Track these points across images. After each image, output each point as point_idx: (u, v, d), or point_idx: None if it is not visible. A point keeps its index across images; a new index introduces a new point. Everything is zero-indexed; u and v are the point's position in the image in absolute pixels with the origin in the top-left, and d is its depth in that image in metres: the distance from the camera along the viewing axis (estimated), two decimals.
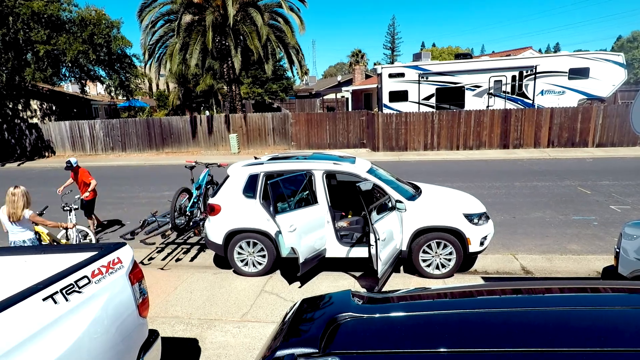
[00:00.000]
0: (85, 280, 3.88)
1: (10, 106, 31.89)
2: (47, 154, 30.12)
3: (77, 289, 3.77)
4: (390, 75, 27.92)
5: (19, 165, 27.61)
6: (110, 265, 4.21)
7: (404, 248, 7.99)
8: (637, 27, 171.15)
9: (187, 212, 10.06)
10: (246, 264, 8.47)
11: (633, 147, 23.65)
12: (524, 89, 26.30)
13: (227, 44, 27.52)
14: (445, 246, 7.91)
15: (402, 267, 8.61)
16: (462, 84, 26.99)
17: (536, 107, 25.50)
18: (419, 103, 27.64)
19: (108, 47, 29.07)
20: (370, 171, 8.39)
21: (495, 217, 11.20)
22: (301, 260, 7.43)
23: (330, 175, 9.77)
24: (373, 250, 7.06)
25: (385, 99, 28.18)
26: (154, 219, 10.01)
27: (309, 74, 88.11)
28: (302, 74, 32.55)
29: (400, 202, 7.73)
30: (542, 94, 26.11)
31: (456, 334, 2.72)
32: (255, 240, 8.32)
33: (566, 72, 25.60)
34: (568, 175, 16.94)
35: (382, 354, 2.57)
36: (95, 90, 55.19)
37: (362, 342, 2.79)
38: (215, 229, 8.50)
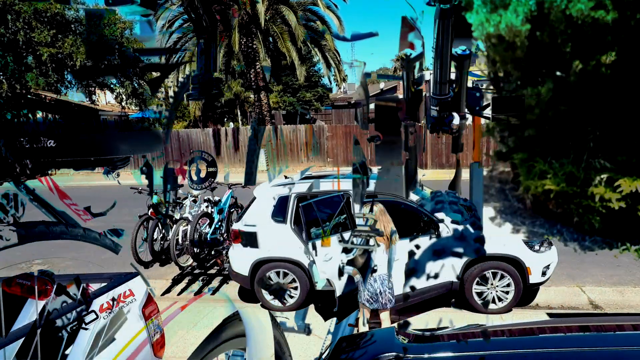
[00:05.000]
0: (93, 316, 3.81)
1: (10, 118, 32.14)
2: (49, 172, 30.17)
3: (83, 325, 3.72)
4: None
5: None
6: (121, 299, 4.19)
7: (455, 279, 7.98)
8: None
9: (208, 240, 10.03)
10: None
11: None
12: None
13: (254, 46, 27.66)
14: (502, 277, 7.85)
15: (453, 301, 8.58)
16: None
17: None
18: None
19: (120, 50, 29.39)
20: (416, 191, 8.40)
21: (559, 243, 11.06)
22: (338, 293, 7.48)
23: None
24: None
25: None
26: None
27: (348, 81, 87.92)
28: (340, 80, 32.50)
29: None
30: None
31: None
32: (286, 271, 8.36)
33: None
34: None
35: None
36: (105, 99, 55.73)
37: None
38: (241, 258, 8.55)
